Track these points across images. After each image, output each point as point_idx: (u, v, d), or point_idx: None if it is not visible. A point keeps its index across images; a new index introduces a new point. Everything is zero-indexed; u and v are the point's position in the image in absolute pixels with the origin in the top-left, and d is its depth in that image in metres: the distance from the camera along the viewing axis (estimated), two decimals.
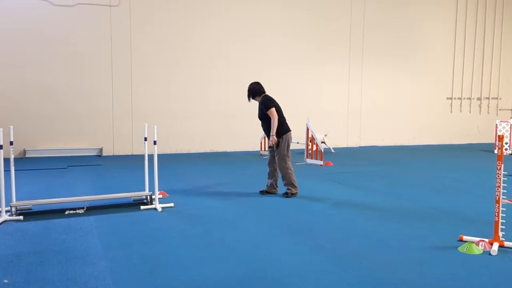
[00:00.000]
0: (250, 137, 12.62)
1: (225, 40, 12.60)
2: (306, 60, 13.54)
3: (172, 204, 6.02)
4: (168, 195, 6.59)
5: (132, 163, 10.06)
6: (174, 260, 4.04)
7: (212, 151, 12.50)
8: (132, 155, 11.66)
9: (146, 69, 11.90)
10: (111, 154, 11.64)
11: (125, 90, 11.75)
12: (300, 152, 11.12)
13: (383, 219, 5.50)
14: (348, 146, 14.27)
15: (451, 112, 15.78)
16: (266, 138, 11.94)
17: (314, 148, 10.17)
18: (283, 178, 6.67)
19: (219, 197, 6.64)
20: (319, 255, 4.20)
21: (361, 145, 14.44)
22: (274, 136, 6.50)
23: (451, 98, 15.75)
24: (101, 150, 11.57)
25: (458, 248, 4.37)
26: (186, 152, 12.34)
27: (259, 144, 12.13)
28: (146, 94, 11.91)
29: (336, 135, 13.96)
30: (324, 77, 13.83)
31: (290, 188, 6.65)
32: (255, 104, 6.85)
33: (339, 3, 13.82)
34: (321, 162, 9.92)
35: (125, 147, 11.77)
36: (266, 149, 11.71)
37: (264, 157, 11.47)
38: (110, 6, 11.43)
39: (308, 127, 10.39)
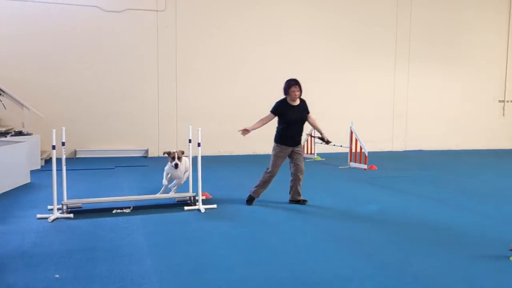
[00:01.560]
0: None
1: (270, 41, 12.61)
2: (350, 62, 13.34)
3: (215, 206, 6.09)
4: (211, 197, 6.67)
5: None
6: (216, 260, 4.08)
7: (254, 154, 12.54)
8: None
9: (191, 72, 12.11)
10: (156, 156, 11.92)
11: (171, 92, 12.00)
12: (343, 156, 10.98)
13: (429, 226, 5.33)
14: (393, 150, 13.94)
15: (503, 115, 15.09)
16: (312, 140, 11.92)
17: (358, 151, 10.01)
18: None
19: (261, 199, 6.64)
20: (362, 261, 4.13)
21: (407, 149, 14.06)
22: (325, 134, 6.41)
23: (503, 101, 15.06)
24: (147, 151, 11.88)
25: (510, 258, 4.18)
26: (228, 154, 12.45)
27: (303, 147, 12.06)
28: (190, 96, 12.11)
29: (381, 138, 13.67)
30: (369, 79, 13.58)
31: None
32: None
33: (385, 2, 13.55)
34: (365, 166, 9.74)
35: (170, 149, 11.98)
36: (310, 152, 11.64)
37: (307, 160, 11.40)
38: (157, 11, 11.72)
39: (352, 131, 10.24)
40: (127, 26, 11.58)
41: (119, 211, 5.83)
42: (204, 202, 6.25)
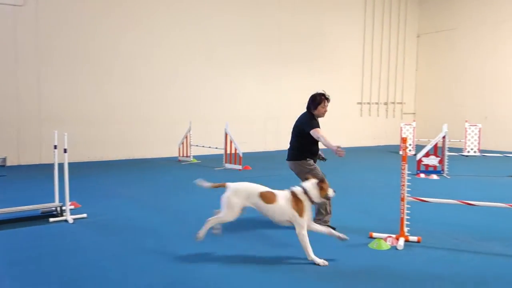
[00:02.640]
0: (169, 142, 12.39)
1: (140, 41, 12.25)
2: (224, 65, 13.60)
3: (85, 215, 5.74)
4: (80, 206, 6.26)
5: (40, 173, 9.43)
6: (91, 272, 3.86)
7: (128, 158, 12.09)
8: (40, 164, 10.93)
9: (56, 71, 11.21)
10: (17, 164, 10.82)
11: (32, 94, 10.98)
12: (219, 158, 11.13)
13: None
14: (266, 150, 14.54)
15: (361, 116, 16.70)
16: (187, 143, 11.85)
17: (233, 152, 10.24)
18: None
19: (136, 206, 6.43)
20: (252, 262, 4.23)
21: (279, 149, 14.76)
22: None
23: (360, 103, 16.68)
24: (4, 159, 10.70)
25: (368, 245, 4.63)
26: (99, 160, 11.78)
27: (177, 150, 11.95)
28: (56, 98, 11.22)
29: (255, 139, 14.17)
30: (242, 82, 13.98)
31: None
32: (175, 109, 6.68)
33: (265, 12, 14.11)
34: (239, 167, 10.00)
35: (33, 156, 10.99)
36: (186, 154, 11.57)
37: (183, 162, 11.32)
38: (14, 5, 10.65)
39: (227, 132, 10.44)
40: None
41: None
42: (73, 212, 5.85)
